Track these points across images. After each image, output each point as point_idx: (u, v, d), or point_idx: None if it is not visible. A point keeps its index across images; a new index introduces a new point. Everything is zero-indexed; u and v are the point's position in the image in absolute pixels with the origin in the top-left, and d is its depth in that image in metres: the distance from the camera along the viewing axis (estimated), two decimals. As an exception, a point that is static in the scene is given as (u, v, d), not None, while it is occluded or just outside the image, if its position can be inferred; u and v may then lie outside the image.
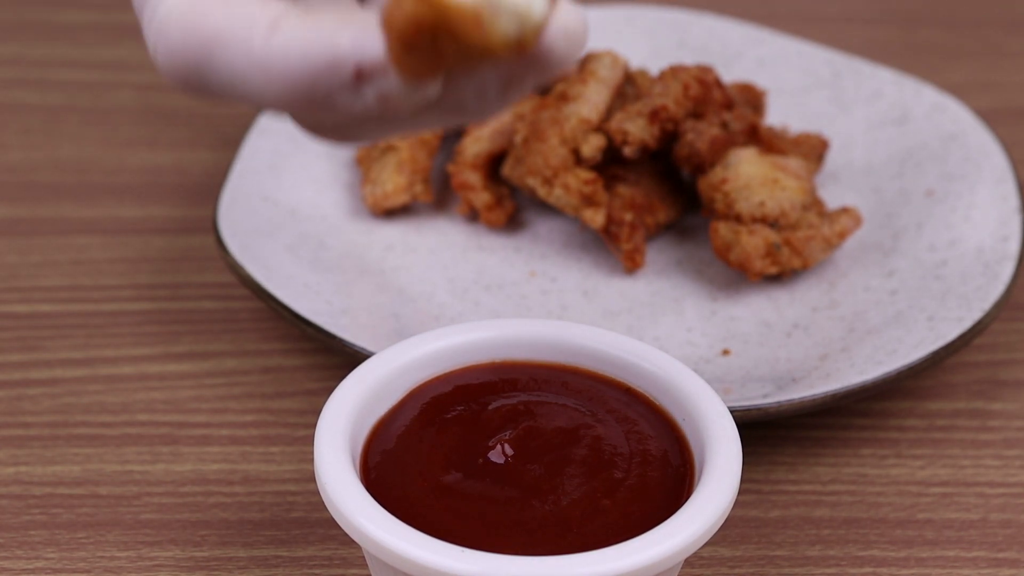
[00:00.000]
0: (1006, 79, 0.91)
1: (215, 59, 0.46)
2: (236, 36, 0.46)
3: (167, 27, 0.47)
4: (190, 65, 0.47)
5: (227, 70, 0.46)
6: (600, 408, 0.57)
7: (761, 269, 0.72)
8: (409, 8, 0.42)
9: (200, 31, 0.46)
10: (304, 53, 0.45)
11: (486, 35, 0.42)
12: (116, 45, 0.92)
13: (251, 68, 0.46)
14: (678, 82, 0.76)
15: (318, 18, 0.46)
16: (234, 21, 0.46)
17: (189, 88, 0.48)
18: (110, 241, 0.77)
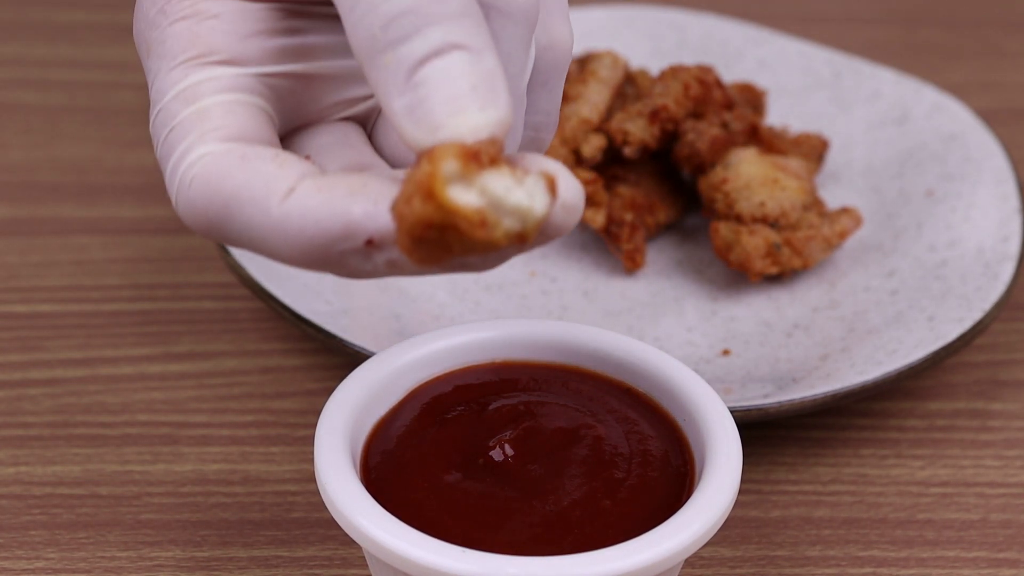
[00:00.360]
0: (1006, 79, 0.91)
1: (234, 218, 0.49)
2: (254, 198, 0.48)
3: (189, 184, 0.49)
4: (211, 221, 0.49)
5: (245, 229, 0.49)
6: (600, 408, 0.57)
7: (761, 269, 0.72)
8: (418, 208, 0.45)
9: (220, 191, 0.49)
10: (318, 221, 0.47)
11: (490, 234, 0.45)
12: (116, 45, 0.92)
13: (268, 230, 0.48)
14: (678, 82, 0.76)
15: (332, 183, 0.48)
16: (252, 183, 0.48)
17: (210, 238, 0.50)
18: (110, 241, 0.77)
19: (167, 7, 0.51)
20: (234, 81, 0.51)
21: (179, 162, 0.50)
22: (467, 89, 0.47)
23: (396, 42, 0.47)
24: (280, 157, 0.49)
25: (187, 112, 0.50)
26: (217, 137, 0.50)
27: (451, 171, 0.45)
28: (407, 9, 0.47)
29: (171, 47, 0.51)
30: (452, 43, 0.47)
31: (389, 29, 0.47)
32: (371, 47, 0.47)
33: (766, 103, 0.81)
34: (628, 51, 0.85)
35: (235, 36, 0.51)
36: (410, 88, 0.47)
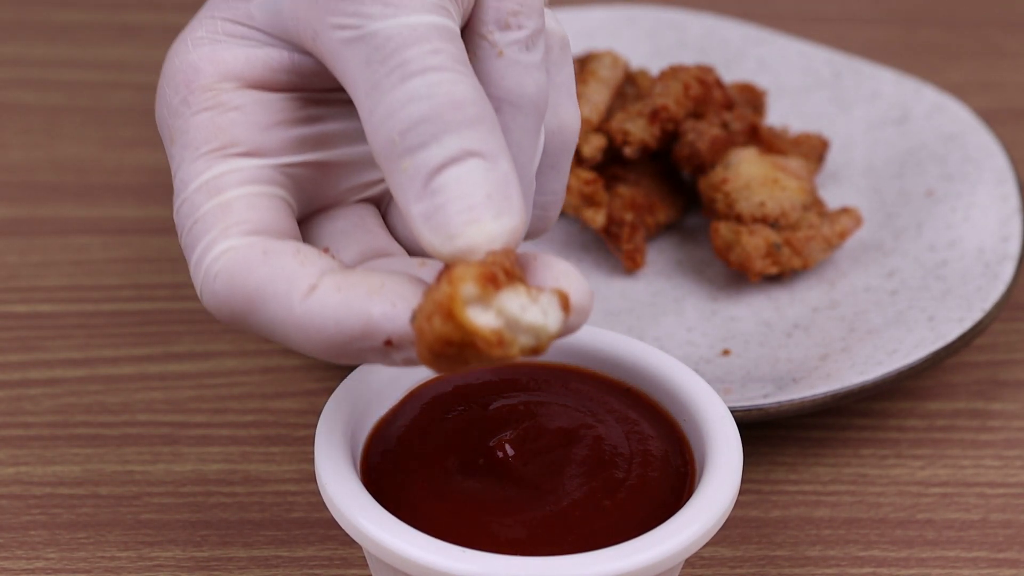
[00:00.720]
0: (1006, 79, 0.91)
1: (257, 313, 0.50)
2: (276, 295, 0.50)
3: (214, 278, 0.51)
4: (235, 313, 0.51)
5: (268, 323, 0.50)
6: (601, 408, 0.57)
7: (761, 269, 0.72)
8: (439, 327, 0.47)
9: (244, 287, 0.50)
10: (338, 321, 0.49)
11: (507, 352, 0.48)
12: (116, 45, 0.92)
13: (290, 326, 0.50)
14: (678, 82, 0.76)
15: (352, 283, 0.49)
16: (275, 280, 0.50)
17: (234, 328, 0.53)
18: (110, 241, 0.77)
19: (190, 97, 0.53)
20: (255, 173, 0.52)
21: (203, 255, 0.51)
22: (482, 198, 0.48)
23: (414, 148, 0.49)
24: (301, 253, 0.50)
25: (210, 205, 0.51)
26: (240, 231, 0.51)
27: (469, 294, 0.47)
28: (424, 117, 0.49)
29: (194, 137, 0.52)
30: (468, 150, 0.49)
31: (407, 136, 0.49)
32: (390, 151, 0.49)
33: (766, 103, 0.81)
34: (628, 51, 0.85)
35: (256, 128, 0.53)
36: (427, 194, 0.48)
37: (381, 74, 0.49)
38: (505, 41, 0.52)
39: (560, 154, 0.56)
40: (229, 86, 0.53)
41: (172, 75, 0.53)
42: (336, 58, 0.51)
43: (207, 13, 0.54)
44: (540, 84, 0.53)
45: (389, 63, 0.49)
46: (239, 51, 0.53)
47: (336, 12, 0.50)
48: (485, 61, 0.52)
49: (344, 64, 0.50)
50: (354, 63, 0.50)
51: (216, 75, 0.53)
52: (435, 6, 0.50)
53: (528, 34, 0.53)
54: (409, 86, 0.49)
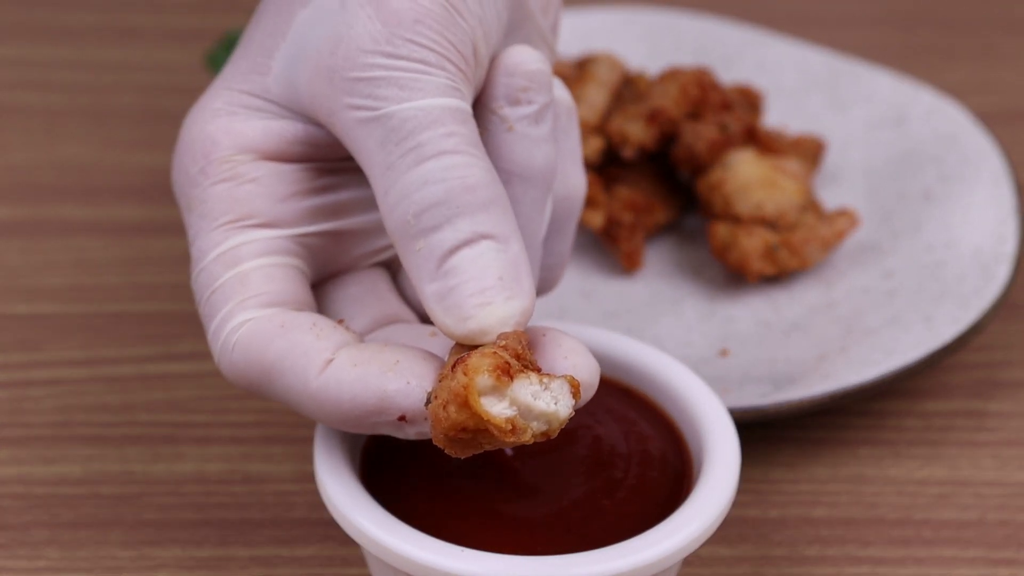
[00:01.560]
0: (1004, 81, 0.91)
1: (275, 384, 0.52)
2: (293, 368, 0.51)
3: (232, 349, 0.52)
4: (252, 383, 0.52)
5: (285, 394, 0.52)
6: (599, 408, 0.58)
7: (759, 270, 0.72)
8: (454, 415, 0.49)
9: (261, 360, 0.52)
10: (354, 396, 0.51)
11: (519, 438, 0.49)
12: (118, 47, 0.92)
13: (306, 399, 0.51)
14: (676, 84, 0.76)
15: (367, 359, 0.51)
16: (292, 354, 0.51)
17: (252, 395, 0.55)
18: (111, 241, 0.77)
19: (208, 168, 0.54)
20: (271, 244, 0.54)
21: (222, 326, 0.53)
22: (494, 280, 0.50)
23: (428, 231, 0.50)
24: (317, 326, 0.52)
25: (228, 276, 0.53)
26: (257, 303, 0.53)
27: (484, 385, 0.49)
28: (439, 200, 0.50)
29: (212, 208, 0.54)
30: (480, 233, 0.50)
31: (421, 218, 0.50)
32: (404, 232, 0.51)
33: (764, 104, 0.81)
34: (626, 53, 0.86)
35: (272, 199, 0.54)
36: (440, 275, 0.50)
37: (396, 156, 0.51)
38: (515, 116, 0.54)
39: (566, 219, 0.58)
40: (246, 158, 0.54)
41: (190, 144, 0.55)
42: (351, 136, 0.52)
43: (224, 84, 0.55)
44: (549, 157, 0.54)
45: (404, 145, 0.50)
46: (256, 123, 0.54)
47: (352, 93, 0.51)
48: (495, 135, 0.54)
49: (359, 143, 0.51)
50: (369, 142, 0.51)
51: (233, 147, 0.54)
52: (449, 88, 0.51)
53: (537, 109, 0.54)
54: (423, 169, 0.50)
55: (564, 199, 0.57)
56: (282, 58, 0.54)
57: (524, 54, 0.54)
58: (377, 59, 0.51)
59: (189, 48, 0.91)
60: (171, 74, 0.90)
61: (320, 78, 0.52)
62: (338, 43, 0.52)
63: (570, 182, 0.57)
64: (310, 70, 0.53)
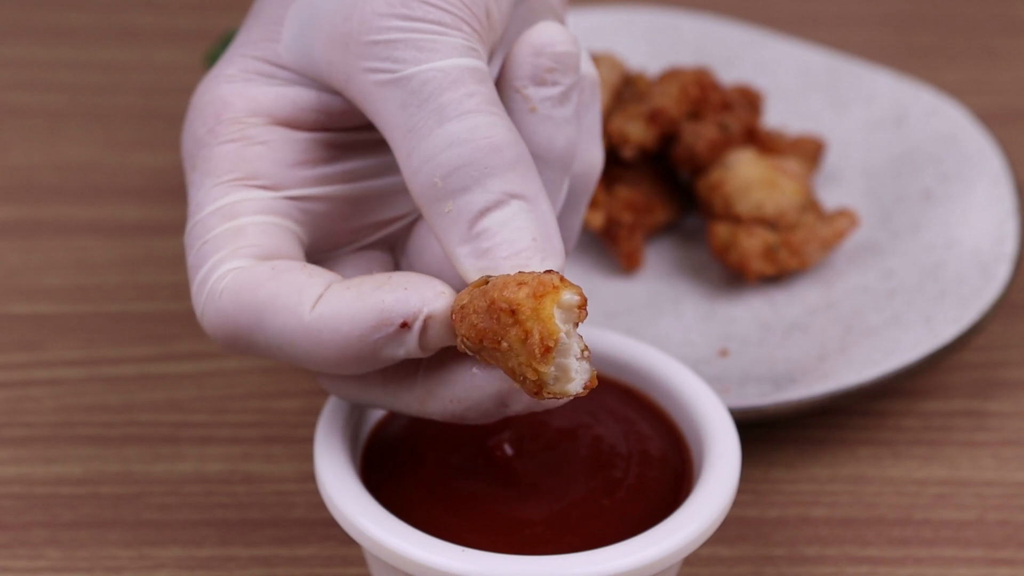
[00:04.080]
0: (1003, 81, 0.91)
1: (266, 326, 0.51)
2: (287, 305, 0.50)
3: (219, 294, 0.51)
4: (240, 329, 0.51)
5: (276, 336, 0.51)
6: (599, 408, 0.58)
7: (759, 270, 0.72)
8: (520, 298, 0.47)
9: (252, 301, 0.51)
10: (352, 316, 0.50)
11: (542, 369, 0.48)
12: (118, 47, 0.92)
13: (301, 334, 0.50)
14: (676, 84, 0.76)
15: (359, 282, 0.50)
16: (285, 291, 0.51)
17: (234, 350, 0.52)
18: (111, 242, 0.77)
19: (217, 128, 0.53)
20: (271, 204, 0.53)
21: (210, 272, 0.52)
22: (529, 242, 0.50)
23: (457, 192, 0.50)
24: (308, 268, 0.51)
25: (223, 228, 0.52)
26: (249, 253, 0.52)
27: (566, 301, 0.48)
28: (466, 161, 0.50)
29: (216, 165, 0.53)
30: (510, 193, 0.50)
31: (449, 180, 0.50)
32: (431, 194, 0.50)
33: (764, 105, 0.81)
34: (626, 53, 0.86)
35: (280, 164, 0.53)
36: (473, 237, 0.50)
37: (419, 118, 0.50)
38: (539, 97, 0.53)
39: (582, 194, 0.57)
40: (257, 121, 0.54)
41: (201, 108, 0.54)
42: (370, 100, 0.51)
43: (238, 51, 0.55)
44: (570, 139, 0.54)
45: (426, 107, 0.50)
46: (269, 89, 0.54)
47: (369, 56, 0.51)
48: (517, 114, 0.53)
49: (378, 106, 0.51)
50: (389, 105, 0.51)
51: (245, 110, 0.54)
52: (467, 48, 0.51)
53: (562, 91, 0.54)
54: (447, 130, 0.50)
55: (581, 176, 0.57)
56: (294, 25, 0.53)
57: (552, 33, 0.53)
58: (393, 22, 0.51)
59: (189, 48, 0.91)
60: (171, 74, 0.90)
61: (335, 44, 0.52)
62: (352, 8, 0.51)
63: (589, 158, 0.57)
64: (324, 36, 0.52)
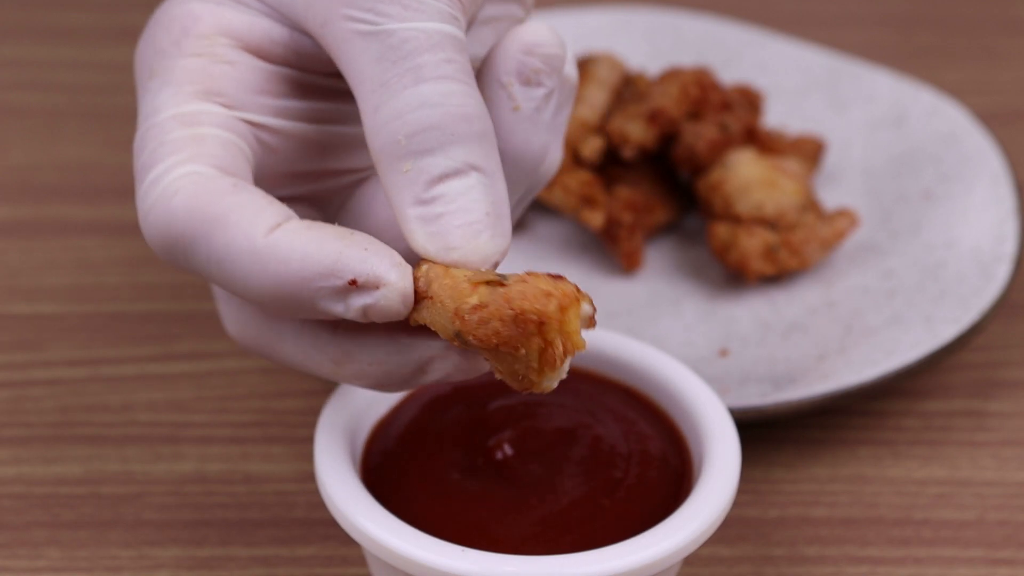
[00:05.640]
0: (1003, 81, 0.91)
1: (212, 240, 0.49)
2: (240, 223, 0.49)
3: (173, 194, 0.49)
4: (184, 237, 0.49)
5: (220, 252, 0.49)
6: (599, 408, 0.58)
7: (759, 270, 0.72)
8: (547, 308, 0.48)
9: (207, 208, 0.49)
10: (306, 255, 0.48)
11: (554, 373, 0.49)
12: (118, 47, 0.92)
13: (247, 256, 0.48)
14: (676, 84, 0.76)
15: (321, 226, 0.49)
16: (243, 209, 0.49)
17: (168, 257, 0.50)
18: (112, 241, 0.77)
19: (184, 41, 0.52)
20: (232, 123, 0.51)
21: (166, 172, 0.50)
22: (482, 215, 0.49)
23: (419, 153, 0.49)
24: (270, 196, 0.50)
25: (183, 133, 0.50)
26: (210, 163, 0.50)
27: (586, 313, 0.48)
28: (434, 124, 0.49)
29: (179, 76, 0.52)
30: (471, 164, 0.49)
31: (414, 139, 0.49)
32: (392, 151, 0.49)
33: (764, 104, 0.81)
34: (626, 53, 0.86)
35: (243, 87, 0.52)
36: (427, 201, 0.49)
37: (392, 74, 0.49)
38: (524, 96, 0.53)
39: (530, 192, 0.57)
40: (226, 42, 0.52)
41: (168, 20, 0.53)
42: (344, 48, 0.50)
43: None
44: (543, 145, 0.54)
45: (403, 64, 0.50)
46: (242, 15, 0.53)
47: (352, 5, 0.50)
48: (498, 109, 0.53)
49: (352, 55, 0.50)
50: (364, 57, 0.50)
51: (216, 28, 0.52)
52: (449, 16, 0.50)
53: (546, 92, 0.53)
54: (421, 91, 0.49)
55: (542, 175, 0.56)
56: None
57: (543, 34, 0.53)
58: None
59: (189, 48, 0.91)
60: (171, 74, 0.89)
61: None
62: None
63: (550, 158, 0.56)
64: None
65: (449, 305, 0.48)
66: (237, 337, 0.53)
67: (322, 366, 0.51)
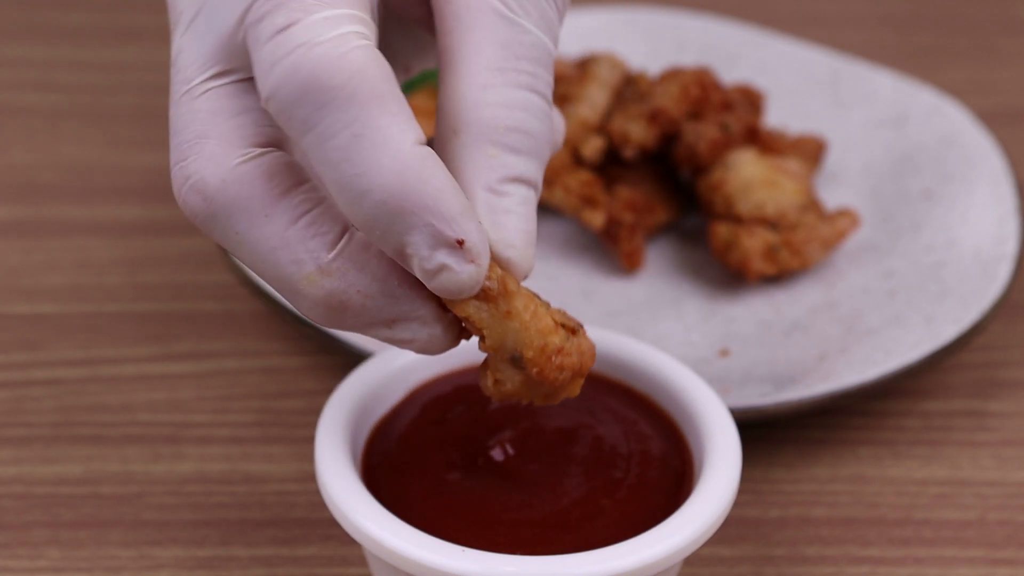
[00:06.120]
0: (1004, 81, 0.91)
1: (369, 114, 0.46)
2: (399, 117, 0.47)
3: (345, 50, 0.46)
4: (336, 95, 0.46)
5: (371, 131, 0.46)
6: (600, 408, 0.58)
7: (760, 270, 0.72)
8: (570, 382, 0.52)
9: (375, 85, 0.46)
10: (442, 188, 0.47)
11: None
12: (118, 47, 0.92)
13: (392, 151, 0.47)
14: (677, 84, 0.76)
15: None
16: (403, 105, 0.47)
17: (289, 107, 0.47)
18: (112, 242, 0.77)
19: None
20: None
21: (336, 21, 0.47)
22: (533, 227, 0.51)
23: (509, 148, 0.50)
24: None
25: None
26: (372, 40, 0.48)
27: None
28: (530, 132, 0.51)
29: None
30: (534, 181, 0.51)
31: (511, 134, 0.50)
32: (486, 132, 0.50)
33: (765, 104, 0.81)
34: (627, 53, 0.86)
35: None
36: (497, 191, 0.50)
37: (512, 67, 0.50)
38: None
39: None
40: None
41: None
42: (474, 16, 0.51)
43: None
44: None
45: (523, 64, 0.51)
46: None
47: None
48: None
49: (477, 26, 0.51)
50: (492, 36, 0.50)
51: None
52: (554, 35, 0.52)
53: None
54: (530, 97, 0.51)
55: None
56: None
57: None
58: None
59: (190, 48, 0.91)
60: (172, 74, 0.90)
61: None
62: None
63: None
64: None
65: (534, 336, 0.50)
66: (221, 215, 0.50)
67: (304, 266, 0.49)
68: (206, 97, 0.49)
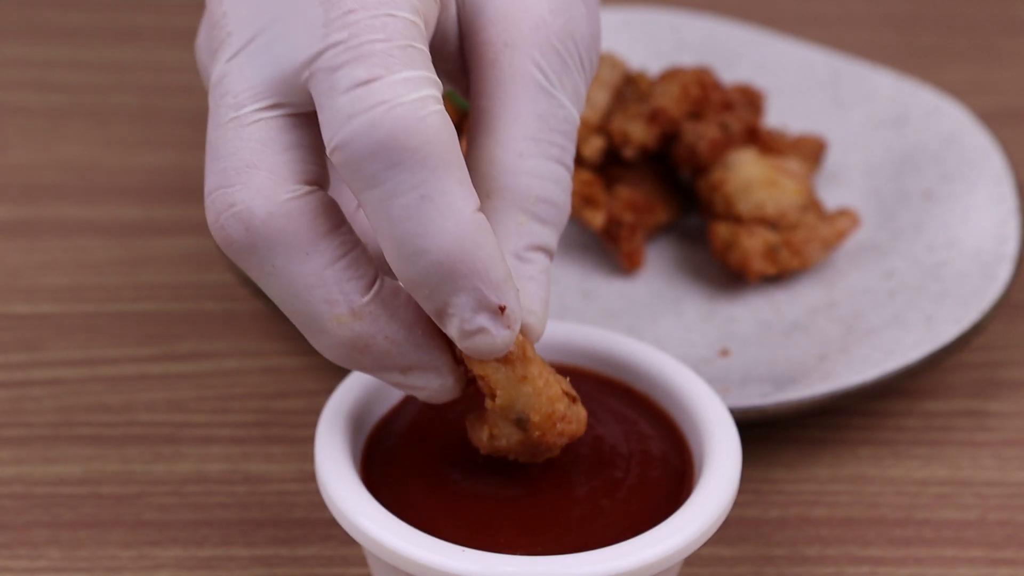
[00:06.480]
0: (1004, 81, 0.91)
1: (436, 177, 0.48)
2: (464, 183, 0.48)
3: (420, 115, 0.47)
4: (407, 156, 0.47)
5: (436, 193, 0.48)
6: (600, 408, 0.58)
7: (760, 270, 0.72)
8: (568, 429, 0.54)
9: (445, 151, 0.48)
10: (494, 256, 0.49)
11: None
12: (118, 47, 0.92)
13: (454, 215, 0.48)
14: (677, 84, 0.76)
15: None
16: (465, 173, 0.48)
17: (357, 164, 0.47)
18: (112, 242, 0.77)
19: None
20: None
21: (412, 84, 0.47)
22: (549, 296, 0.54)
23: (536, 217, 0.53)
24: None
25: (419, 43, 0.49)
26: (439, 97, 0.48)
27: None
28: (556, 203, 0.53)
29: None
30: (552, 250, 0.53)
31: (539, 204, 0.52)
32: (518, 200, 0.52)
33: (765, 104, 0.81)
34: (627, 53, 0.86)
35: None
36: (522, 258, 0.52)
37: (547, 137, 0.53)
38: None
39: None
40: None
41: None
42: (515, 85, 0.52)
43: None
44: None
45: (557, 137, 0.53)
46: None
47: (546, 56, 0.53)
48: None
49: (517, 95, 0.52)
50: (531, 106, 0.52)
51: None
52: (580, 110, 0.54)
53: None
54: (558, 170, 0.53)
55: None
56: None
57: None
58: None
59: (189, 48, 0.91)
60: (171, 74, 0.90)
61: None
62: None
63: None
64: None
65: (544, 403, 0.52)
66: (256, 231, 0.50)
67: (337, 307, 0.50)
68: (257, 127, 0.50)
